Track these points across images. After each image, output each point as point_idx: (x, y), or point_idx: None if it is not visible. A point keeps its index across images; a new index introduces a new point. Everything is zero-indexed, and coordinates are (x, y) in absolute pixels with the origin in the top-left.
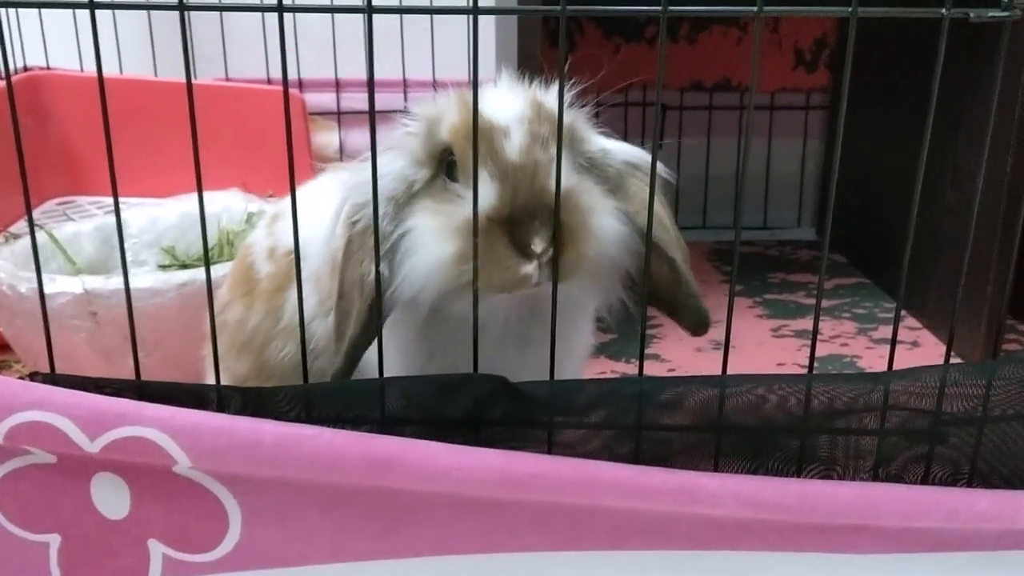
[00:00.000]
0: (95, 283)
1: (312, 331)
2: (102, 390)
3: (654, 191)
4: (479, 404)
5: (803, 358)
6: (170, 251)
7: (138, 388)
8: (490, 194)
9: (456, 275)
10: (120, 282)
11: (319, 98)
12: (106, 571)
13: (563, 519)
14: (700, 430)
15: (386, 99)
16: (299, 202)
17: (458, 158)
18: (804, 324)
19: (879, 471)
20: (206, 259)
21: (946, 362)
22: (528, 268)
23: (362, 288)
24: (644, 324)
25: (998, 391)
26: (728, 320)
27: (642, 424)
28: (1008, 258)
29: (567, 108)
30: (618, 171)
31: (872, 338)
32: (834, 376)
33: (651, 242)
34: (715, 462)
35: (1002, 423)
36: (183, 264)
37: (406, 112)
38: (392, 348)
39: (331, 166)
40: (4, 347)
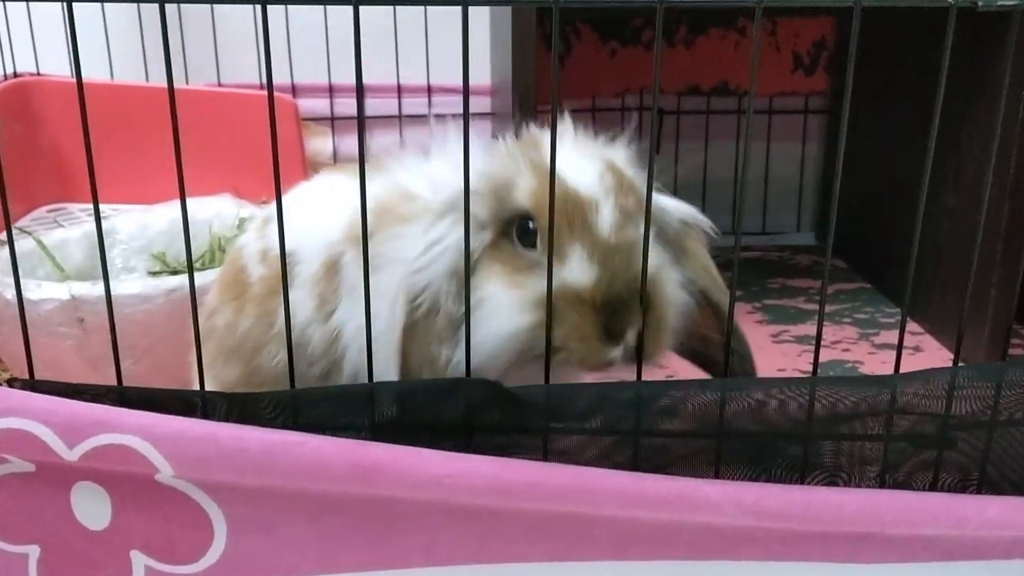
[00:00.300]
0: (82, 289)
1: (308, 337)
2: (81, 396)
3: (651, 192)
4: (472, 409)
5: (804, 364)
6: (160, 257)
7: (119, 394)
8: (587, 275)
9: (531, 345)
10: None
11: (312, 104)
12: None
13: (561, 528)
14: (700, 436)
15: (380, 104)
16: (291, 206)
17: (542, 229)
18: (805, 329)
19: (885, 477)
20: (189, 263)
21: (955, 364)
22: (615, 353)
23: (433, 370)
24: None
25: (1007, 395)
26: (728, 325)
27: (640, 430)
28: (1015, 261)
29: (628, 163)
30: (676, 231)
31: (874, 343)
32: (838, 379)
33: (647, 246)
34: (716, 469)
35: (1011, 427)
36: (173, 270)
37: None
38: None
39: (323, 169)
40: None
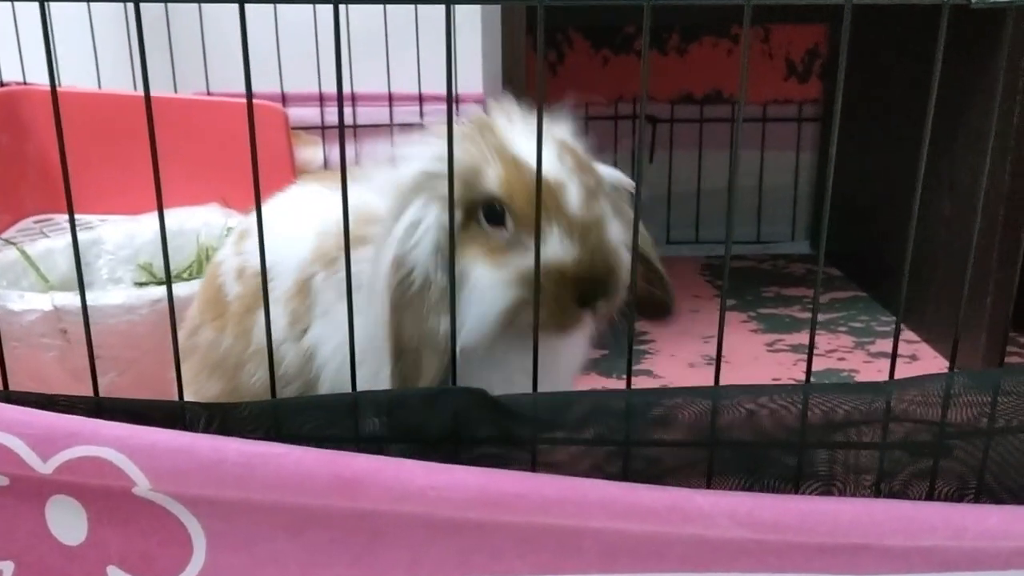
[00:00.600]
0: (65, 300)
1: (281, 356)
2: (56, 407)
3: (639, 206)
4: (459, 419)
5: (799, 373)
6: (147, 268)
7: (96, 405)
8: (568, 253)
9: (515, 320)
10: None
11: (302, 112)
12: None
13: (548, 541)
14: (692, 445)
15: (371, 113)
16: (267, 218)
17: (515, 211)
18: (799, 338)
19: (881, 487)
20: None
21: (950, 372)
22: (586, 316)
23: (435, 344)
24: (632, 335)
25: (1004, 402)
26: (720, 333)
27: (631, 440)
28: (1011, 268)
29: (575, 140)
30: (611, 196)
31: (870, 352)
32: (832, 386)
33: (637, 254)
34: (708, 479)
35: (1009, 435)
36: (160, 281)
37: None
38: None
39: (301, 178)
40: None
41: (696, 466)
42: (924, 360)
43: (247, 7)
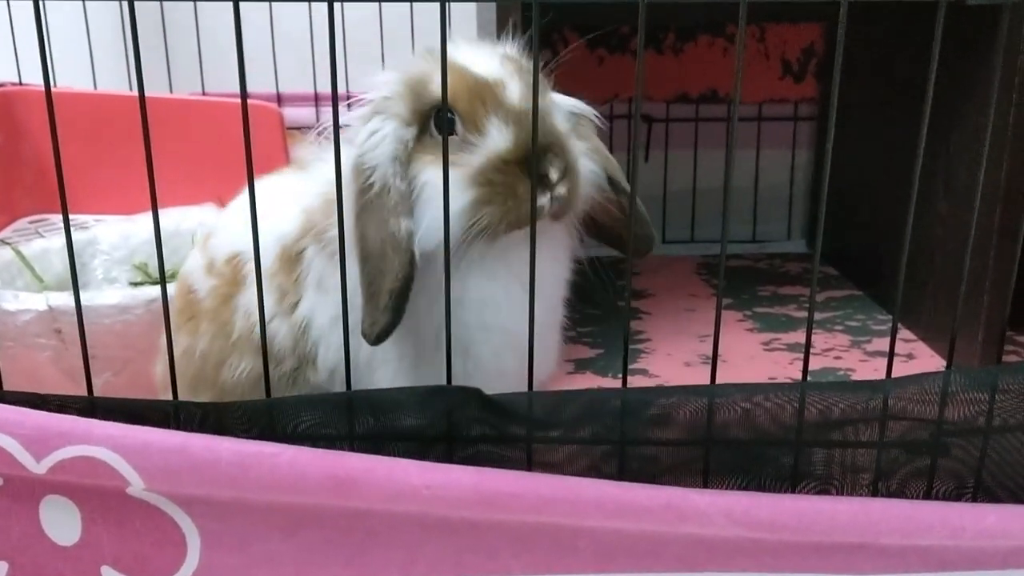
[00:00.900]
0: (59, 300)
1: (273, 332)
2: (49, 406)
3: (634, 198)
4: (453, 418)
5: (795, 372)
6: (142, 268)
7: (89, 404)
8: (506, 137)
9: (477, 219)
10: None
11: (298, 112)
12: None
13: (543, 540)
14: (688, 444)
15: None
16: (237, 208)
17: (460, 113)
18: (795, 337)
19: (878, 486)
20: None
21: (947, 369)
22: (543, 199)
23: (396, 244)
24: (627, 336)
25: (1002, 400)
26: (716, 332)
27: (627, 439)
28: (1008, 266)
29: (529, 62)
30: (567, 119)
31: (866, 351)
32: (829, 384)
33: (632, 242)
34: (704, 478)
35: (1007, 433)
36: (155, 281)
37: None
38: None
39: (277, 170)
40: None
41: (692, 465)
42: (921, 359)
43: (242, 6)
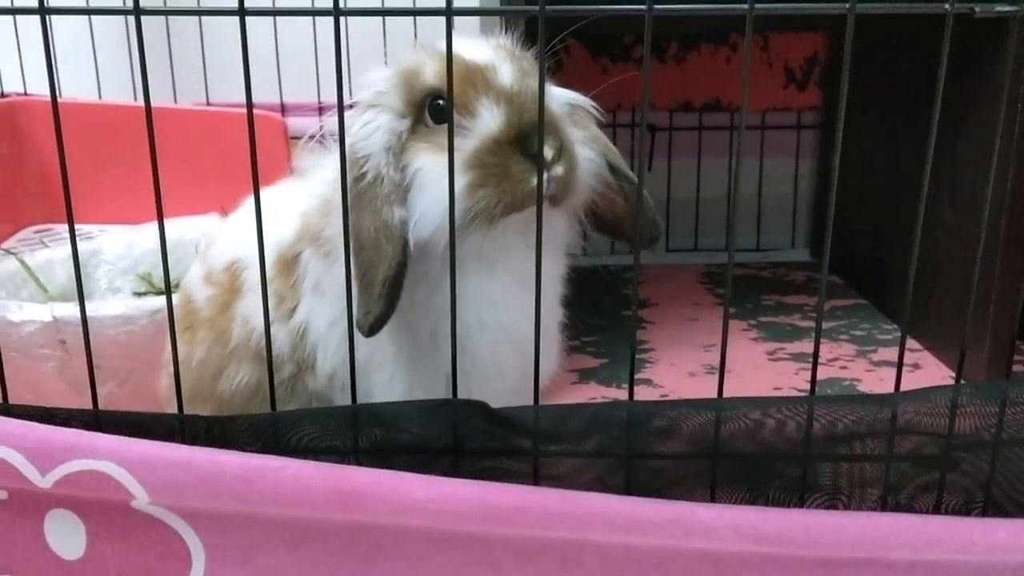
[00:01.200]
0: (64, 310)
1: (271, 338)
2: (54, 419)
3: (642, 187)
4: (459, 431)
5: (801, 382)
6: (146, 278)
7: (94, 417)
8: (497, 118)
9: (472, 203)
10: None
11: (301, 122)
12: None
13: (549, 554)
14: (695, 457)
15: None
16: (235, 218)
17: (454, 102)
18: (801, 347)
19: (887, 500)
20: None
21: (957, 382)
22: (540, 179)
23: (389, 232)
24: (634, 346)
25: (1012, 413)
26: (723, 343)
27: (633, 452)
28: (1016, 277)
29: (526, 52)
30: (564, 110)
31: (872, 360)
32: (837, 398)
33: (639, 249)
34: (711, 492)
35: (1016, 447)
36: (159, 291)
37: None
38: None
39: (281, 179)
40: None
41: (699, 477)
42: (927, 369)
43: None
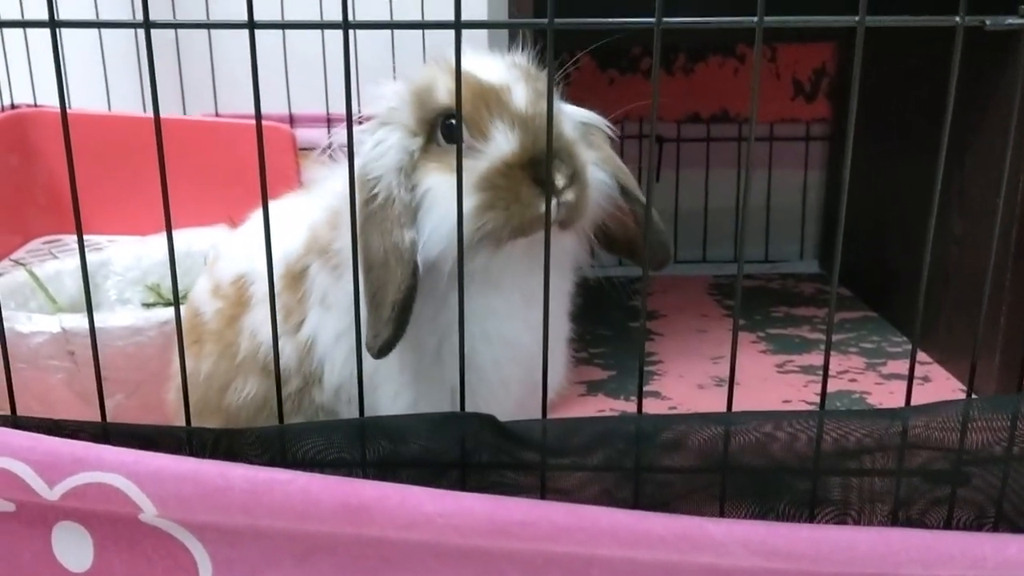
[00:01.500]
0: (73, 322)
1: (279, 350)
2: (62, 432)
3: (650, 216)
4: (467, 444)
5: (810, 395)
6: (155, 289)
7: (103, 430)
8: (511, 142)
9: (480, 225)
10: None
11: (310, 134)
12: None
13: (556, 569)
14: (704, 471)
15: None
16: (243, 231)
17: (464, 118)
18: (810, 359)
19: (898, 515)
20: (175, 294)
21: (968, 396)
22: (550, 205)
23: (398, 254)
24: (643, 358)
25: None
26: (732, 355)
27: (641, 466)
28: None
29: (541, 72)
30: (576, 128)
31: (882, 373)
32: (847, 412)
33: (648, 267)
34: (720, 506)
35: None
36: (167, 302)
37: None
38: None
39: (290, 190)
40: None
41: (708, 491)
42: (937, 381)
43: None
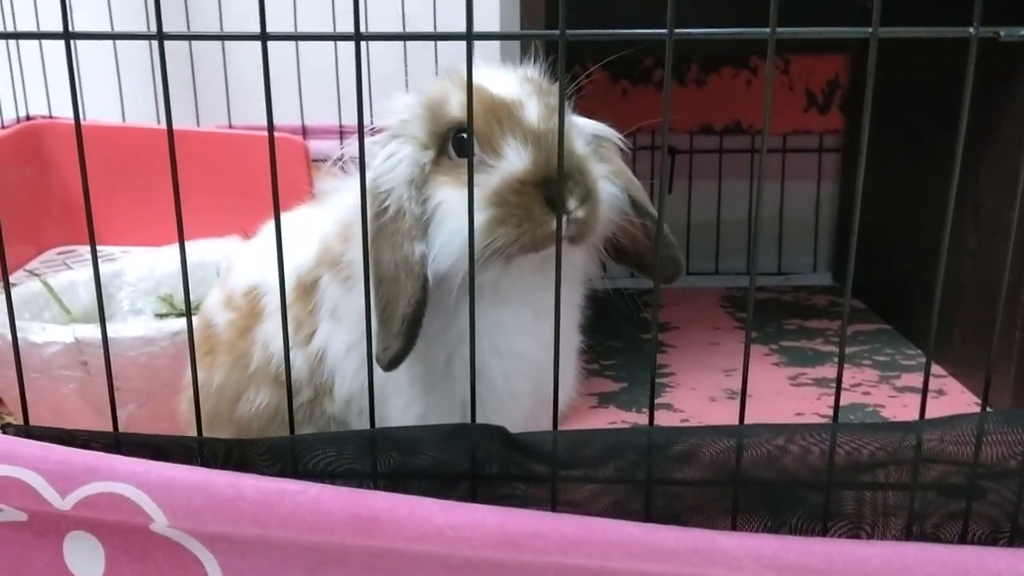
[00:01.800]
0: (86, 332)
1: (290, 361)
2: (74, 441)
3: (662, 229)
4: (478, 455)
5: (823, 407)
6: (168, 299)
7: (114, 440)
8: (524, 159)
9: (491, 240)
10: (113, 330)
11: (323, 145)
12: None
13: None
14: (716, 484)
15: None
16: (264, 240)
17: (476, 133)
18: (823, 372)
19: (912, 529)
20: (187, 305)
21: (983, 410)
22: (561, 222)
23: (409, 268)
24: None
25: None
26: (745, 368)
27: (653, 478)
28: None
29: (552, 86)
30: (588, 142)
31: (895, 386)
32: (860, 425)
33: (659, 279)
34: (733, 519)
35: None
36: (180, 313)
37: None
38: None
39: (302, 202)
40: None
41: (720, 503)
42: (952, 395)
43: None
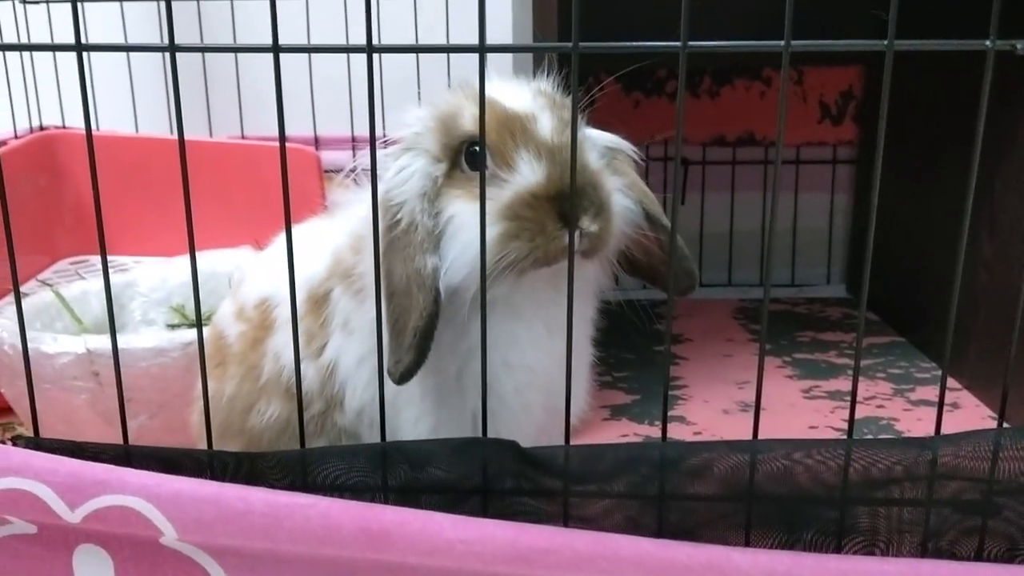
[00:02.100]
0: (97, 343)
1: (302, 373)
2: (84, 454)
3: (675, 242)
4: (489, 470)
5: (837, 421)
6: (180, 310)
7: (124, 452)
8: (537, 173)
9: (503, 254)
10: (125, 341)
11: (335, 156)
12: None
13: None
14: (729, 499)
15: None
16: (275, 251)
17: (489, 146)
18: (837, 384)
19: (927, 545)
20: (198, 316)
21: (999, 425)
22: (573, 237)
23: (420, 281)
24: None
25: None
26: (759, 381)
27: (665, 493)
28: None
29: (565, 99)
30: (602, 154)
31: (910, 399)
32: (875, 441)
33: (672, 292)
34: (746, 535)
35: None
36: (192, 323)
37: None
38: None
39: (315, 213)
40: (7, 410)
41: (733, 519)
42: (966, 408)
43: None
